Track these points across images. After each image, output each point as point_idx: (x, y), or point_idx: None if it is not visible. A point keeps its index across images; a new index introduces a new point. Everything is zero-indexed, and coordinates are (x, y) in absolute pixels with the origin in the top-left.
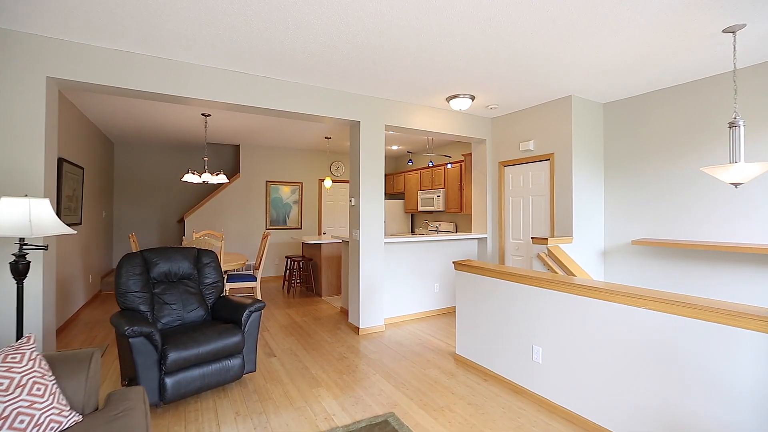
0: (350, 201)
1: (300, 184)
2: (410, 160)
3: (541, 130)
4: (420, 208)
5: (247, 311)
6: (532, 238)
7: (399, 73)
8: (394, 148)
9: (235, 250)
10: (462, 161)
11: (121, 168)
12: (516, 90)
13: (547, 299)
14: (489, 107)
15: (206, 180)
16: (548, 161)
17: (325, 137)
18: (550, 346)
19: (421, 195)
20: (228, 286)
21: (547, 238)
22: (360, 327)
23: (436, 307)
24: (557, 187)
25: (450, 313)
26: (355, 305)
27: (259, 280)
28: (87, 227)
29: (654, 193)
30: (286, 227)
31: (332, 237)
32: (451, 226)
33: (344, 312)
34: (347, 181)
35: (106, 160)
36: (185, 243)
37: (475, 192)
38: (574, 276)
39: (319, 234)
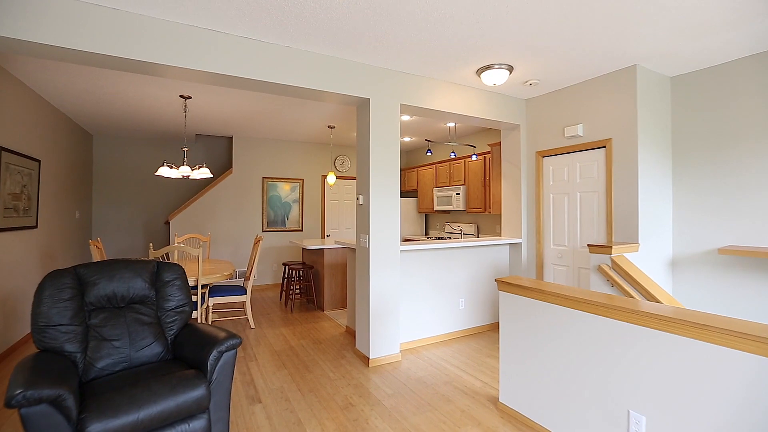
0: (357, 199)
1: (300, 181)
2: (429, 149)
3: (594, 110)
4: (436, 208)
5: (215, 352)
6: (588, 245)
7: (420, 33)
8: (407, 139)
9: (227, 256)
10: (488, 153)
11: (102, 163)
12: (566, 58)
13: (659, 346)
14: (528, 83)
15: (186, 174)
16: (603, 149)
17: (328, 126)
18: (664, 417)
19: (437, 193)
20: (212, 300)
21: (610, 246)
22: (370, 357)
23: (462, 328)
24: (617, 180)
25: (479, 334)
26: (364, 329)
27: (249, 292)
28: (47, 230)
29: (745, 189)
30: (285, 229)
31: (336, 242)
32: (472, 228)
33: (350, 333)
34: (354, 178)
35: (79, 153)
36: (152, 254)
37: (505, 188)
38: (659, 302)
39: (322, 237)
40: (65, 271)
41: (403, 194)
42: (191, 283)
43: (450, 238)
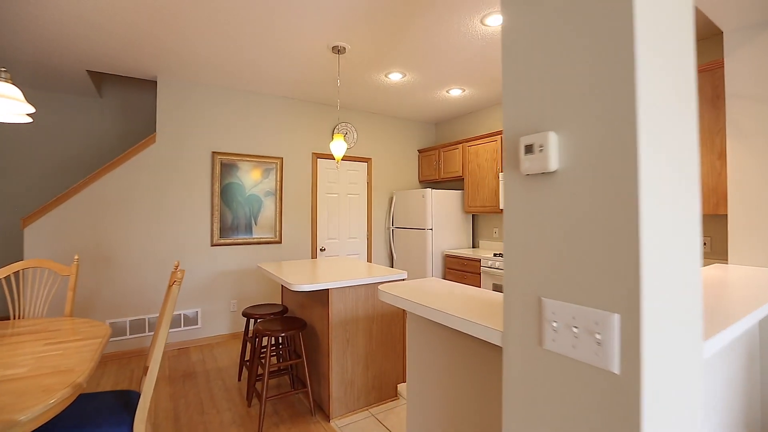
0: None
1: (278, 162)
2: None
3: None
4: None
5: None
6: None
7: None
8: (454, 93)
9: (136, 296)
10: None
11: None
12: None
13: None
14: None
15: None
16: None
17: (333, 49)
18: None
19: None
20: None
21: None
22: None
23: None
24: None
25: None
26: None
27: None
28: None
29: None
30: (252, 240)
31: (387, 295)
32: None
33: None
34: (363, 159)
35: None
36: None
37: (738, 158)
38: None
39: (314, 254)
40: None
41: (439, 184)
42: None
43: None
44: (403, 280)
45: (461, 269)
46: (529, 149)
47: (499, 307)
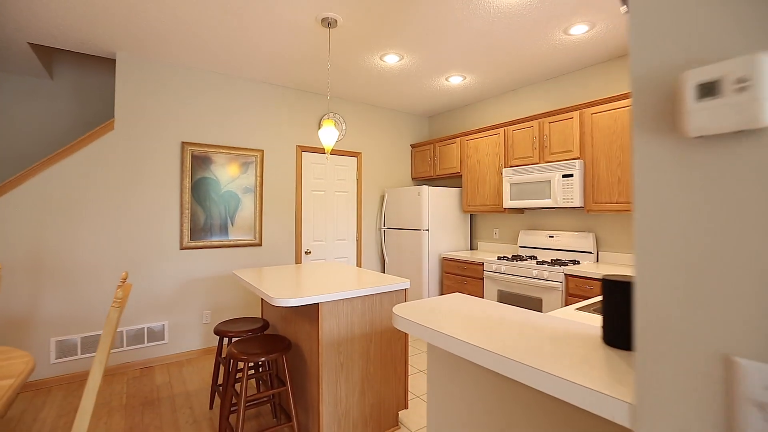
0: None
1: (258, 154)
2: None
3: None
4: (508, 204)
5: None
6: None
7: None
8: (455, 81)
9: (84, 317)
10: None
11: None
12: None
13: None
14: None
15: None
16: None
17: (323, 22)
18: None
19: (510, 177)
20: None
21: None
22: None
23: None
24: None
25: None
26: None
27: None
28: None
29: None
30: (228, 242)
31: (406, 315)
32: (584, 242)
33: None
34: (353, 153)
35: None
36: None
37: None
38: None
39: (298, 259)
40: None
41: (433, 181)
42: None
43: (536, 259)
44: (406, 290)
45: (460, 274)
46: (707, 91)
47: (590, 346)
